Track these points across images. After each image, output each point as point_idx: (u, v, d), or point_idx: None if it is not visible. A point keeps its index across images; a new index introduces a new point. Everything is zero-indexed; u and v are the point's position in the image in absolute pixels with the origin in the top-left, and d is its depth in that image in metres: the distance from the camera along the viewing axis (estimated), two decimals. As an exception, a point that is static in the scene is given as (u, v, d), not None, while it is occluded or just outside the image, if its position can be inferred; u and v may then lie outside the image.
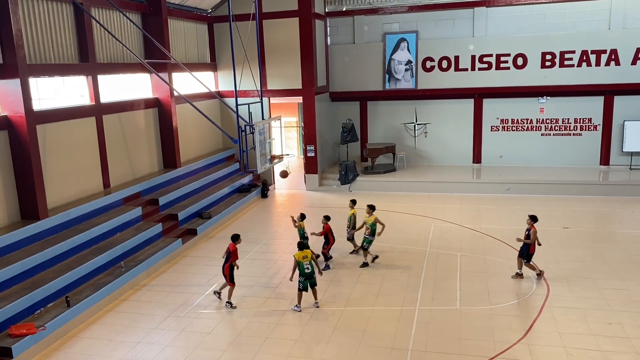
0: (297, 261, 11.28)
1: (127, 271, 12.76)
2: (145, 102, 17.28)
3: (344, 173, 21.90)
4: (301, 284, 11.28)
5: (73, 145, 14.06)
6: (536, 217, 12.77)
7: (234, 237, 12.01)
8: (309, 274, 11.27)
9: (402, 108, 23.81)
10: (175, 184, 17.82)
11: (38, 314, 10.57)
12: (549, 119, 22.49)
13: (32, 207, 12.33)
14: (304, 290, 11.31)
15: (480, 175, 21.93)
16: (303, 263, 11.22)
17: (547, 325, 10.43)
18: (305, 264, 11.22)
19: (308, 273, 11.25)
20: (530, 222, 12.60)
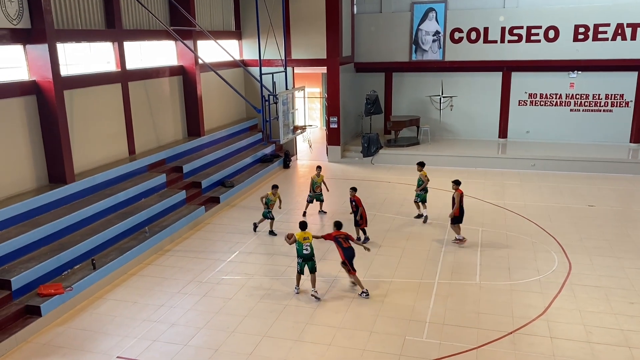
0: (296, 240, 10.82)
1: (151, 236, 13.02)
2: (170, 69, 17.33)
3: (366, 145, 21.78)
4: (299, 265, 10.85)
5: (99, 111, 14.23)
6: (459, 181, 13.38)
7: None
8: (307, 256, 10.72)
9: (428, 80, 23.44)
10: (199, 152, 17.98)
11: (65, 275, 10.90)
12: (579, 94, 21.94)
13: (59, 172, 12.58)
14: (301, 273, 10.89)
15: (505, 151, 21.61)
16: (303, 244, 10.69)
17: (567, 302, 10.37)
18: (304, 245, 10.69)
19: (306, 255, 10.71)
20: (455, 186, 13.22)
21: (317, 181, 15.53)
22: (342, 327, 9.68)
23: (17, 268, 10.19)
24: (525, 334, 9.31)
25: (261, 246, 13.44)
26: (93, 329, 9.78)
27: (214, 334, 9.53)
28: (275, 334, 9.50)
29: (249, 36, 22.12)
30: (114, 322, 10.01)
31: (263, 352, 8.99)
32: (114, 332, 9.65)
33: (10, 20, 11.36)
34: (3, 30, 11.23)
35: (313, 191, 15.58)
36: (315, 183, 15.56)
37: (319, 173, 15.67)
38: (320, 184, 15.61)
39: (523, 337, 9.22)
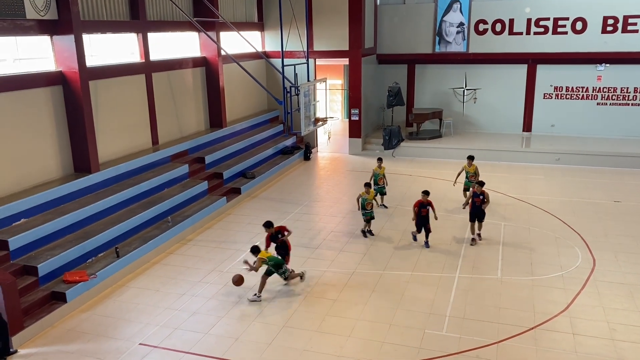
0: (263, 259, 10.44)
1: (173, 226, 13.18)
2: (193, 61, 17.44)
3: (387, 138, 21.67)
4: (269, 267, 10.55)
5: (123, 102, 14.41)
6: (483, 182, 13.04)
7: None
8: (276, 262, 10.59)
9: (452, 72, 23.18)
10: (220, 144, 18.09)
11: (90, 262, 11.10)
12: (607, 87, 21.48)
13: (84, 161, 12.79)
14: (268, 274, 10.54)
15: (529, 144, 21.29)
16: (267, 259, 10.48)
17: (590, 299, 10.22)
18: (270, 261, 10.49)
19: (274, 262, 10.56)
20: (479, 187, 12.80)
21: (379, 173, 15.15)
22: (361, 319, 9.69)
23: (43, 255, 10.41)
24: (546, 330, 9.21)
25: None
26: (116, 316, 9.96)
27: (234, 323, 9.63)
28: (295, 324, 9.55)
29: (271, 27, 22.13)
30: (137, 309, 10.18)
31: (282, 341, 9.05)
32: (137, 319, 9.81)
33: (38, 12, 11.54)
34: (31, 22, 11.43)
35: (375, 184, 15.08)
36: (377, 175, 15.16)
37: (380, 165, 15.24)
38: (382, 175, 15.20)
39: (545, 333, 9.11)
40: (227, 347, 8.89)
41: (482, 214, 12.94)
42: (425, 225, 12.74)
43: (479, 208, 12.86)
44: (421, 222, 12.70)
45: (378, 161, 15.45)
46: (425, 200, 12.59)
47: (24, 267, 10.03)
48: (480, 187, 12.85)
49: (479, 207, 12.85)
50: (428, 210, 12.63)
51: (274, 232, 11.27)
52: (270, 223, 11.29)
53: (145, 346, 8.99)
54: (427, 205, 12.62)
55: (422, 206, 12.58)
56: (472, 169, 15.15)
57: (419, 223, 12.75)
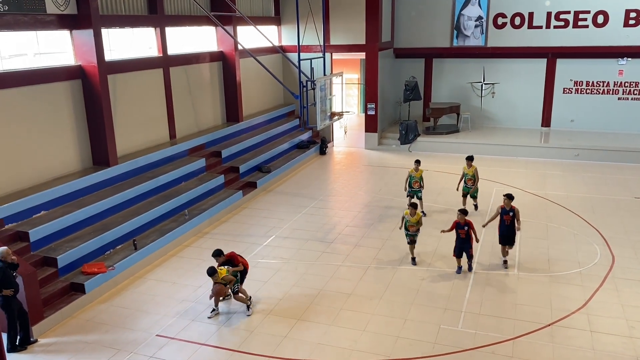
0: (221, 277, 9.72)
1: (190, 219, 13.29)
2: (211, 55, 17.51)
3: (404, 132, 21.56)
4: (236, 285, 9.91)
5: (141, 96, 14.53)
6: (512, 196, 11.32)
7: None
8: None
9: (470, 66, 22.95)
10: (237, 138, 18.18)
11: (108, 254, 11.26)
12: (628, 82, 21.09)
13: (103, 154, 12.95)
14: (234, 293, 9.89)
15: (548, 140, 21.03)
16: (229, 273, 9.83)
17: (609, 296, 10.09)
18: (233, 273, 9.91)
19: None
20: (508, 201, 11.19)
21: (415, 176, 14.07)
22: (376, 314, 9.69)
23: (62, 247, 10.58)
24: (564, 327, 9.12)
25: (297, 231, 13.53)
26: (134, 307, 10.09)
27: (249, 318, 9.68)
28: (310, 318, 9.59)
29: (288, 22, 22.11)
30: (154, 301, 10.30)
31: (298, 334, 9.10)
32: (154, 311, 9.93)
33: (58, 7, 11.68)
34: (51, 16, 11.57)
35: (410, 186, 14.15)
36: (412, 178, 14.09)
37: (417, 167, 14.08)
38: (418, 179, 14.07)
39: (562, 330, 9.03)
40: (242, 339, 8.96)
41: (513, 234, 11.18)
42: (466, 250, 10.99)
43: (509, 228, 11.12)
44: (460, 245, 10.95)
45: (415, 163, 14.20)
46: (462, 221, 10.85)
47: (44, 258, 10.21)
48: (509, 200, 11.15)
49: (509, 226, 11.12)
50: (467, 232, 10.81)
51: (224, 260, 10.02)
52: (220, 252, 10.00)
53: (162, 337, 9.10)
54: (465, 225, 10.81)
55: (459, 227, 10.84)
56: (471, 172, 14.02)
57: (459, 247, 10.97)
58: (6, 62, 11.10)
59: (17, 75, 11.03)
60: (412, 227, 11.42)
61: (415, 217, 11.34)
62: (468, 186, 14.21)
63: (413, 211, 11.35)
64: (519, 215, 11.22)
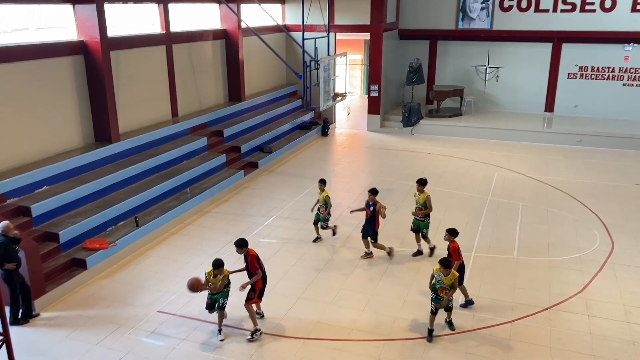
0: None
1: (192, 197, 13.32)
2: (214, 33, 17.36)
3: (407, 115, 21.48)
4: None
5: (144, 73, 14.45)
6: (377, 190, 10.74)
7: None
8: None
9: (474, 49, 22.76)
10: (239, 117, 18.12)
11: (110, 231, 11.31)
12: (634, 68, 20.94)
13: (105, 131, 12.92)
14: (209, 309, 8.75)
15: (551, 125, 20.95)
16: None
17: (607, 281, 10.15)
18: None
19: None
20: (373, 197, 10.61)
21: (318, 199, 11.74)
22: (375, 294, 9.77)
23: (64, 222, 10.61)
24: (561, 311, 9.19)
25: (297, 212, 13.56)
26: (135, 284, 10.17)
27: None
28: (310, 297, 9.67)
29: (292, 0, 21.87)
30: (155, 277, 10.38)
31: (298, 313, 9.18)
32: (155, 288, 10.00)
33: (60, -20, 11.56)
34: (53, -10, 11.46)
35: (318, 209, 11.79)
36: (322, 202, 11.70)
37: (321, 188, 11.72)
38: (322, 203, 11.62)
39: (559, 314, 9.10)
40: (243, 316, 9.03)
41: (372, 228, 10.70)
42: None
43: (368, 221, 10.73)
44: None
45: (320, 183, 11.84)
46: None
47: (45, 233, 10.25)
48: (373, 195, 10.53)
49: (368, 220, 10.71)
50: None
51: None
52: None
53: (163, 313, 9.18)
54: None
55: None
56: (422, 199, 10.82)
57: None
58: (7, 36, 11.02)
59: (18, 50, 10.95)
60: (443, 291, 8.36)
61: (450, 276, 8.24)
62: (418, 218, 10.94)
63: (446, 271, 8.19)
64: (383, 211, 10.71)
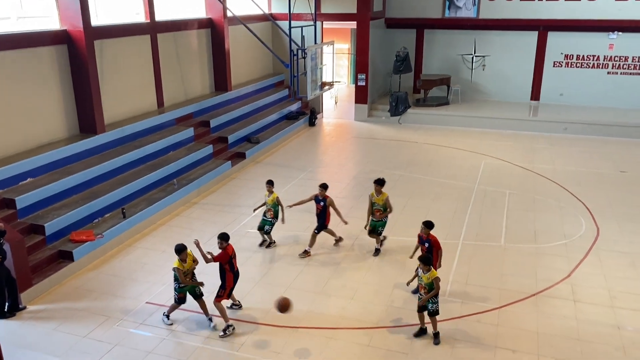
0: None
1: (179, 188, 13.24)
2: (199, 22, 17.17)
3: (394, 104, 21.49)
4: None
5: (129, 63, 14.27)
6: (327, 185, 10.68)
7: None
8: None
9: (461, 38, 22.79)
10: (225, 107, 17.99)
11: (96, 222, 11.20)
12: (618, 56, 21.12)
13: (90, 122, 12.76)
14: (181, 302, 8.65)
15: (537, 113, 21.10)
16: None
17: (593, 267, 10.28)
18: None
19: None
20: (323, 191, 10.57)
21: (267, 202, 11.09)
22: (364, 283, 9.81)
23: (50, 214, 10.50)
24: (548, 297, 9.30)
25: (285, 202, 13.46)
26: (123, 275, 10.10)
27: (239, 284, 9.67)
28: (299, 286, 9.68)
29: (278, -11, 21.69)
30: (144, 269, 10.32)
31: (287, 303, 9.19)
32: (143, 279, 9.95)
33: (41, -32, 11.34)
34: (34, -22, 11.24)
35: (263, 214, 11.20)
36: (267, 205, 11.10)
37: (269, 190, 11.13)
38: (271, 206, 10.99)
39: (546, 300, 9.21)
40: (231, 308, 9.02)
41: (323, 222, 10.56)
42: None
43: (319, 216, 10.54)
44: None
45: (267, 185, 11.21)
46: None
47: (31, 225, 10.14)
48: (323, 190, 10.36)
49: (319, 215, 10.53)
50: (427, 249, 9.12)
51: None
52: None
53: (152, 305, 9.14)
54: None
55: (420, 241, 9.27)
56: (381, 200, 10.43)
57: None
58: (-11, 25, 10.82)
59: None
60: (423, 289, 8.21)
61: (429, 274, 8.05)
62: (377, 219, 10.60)
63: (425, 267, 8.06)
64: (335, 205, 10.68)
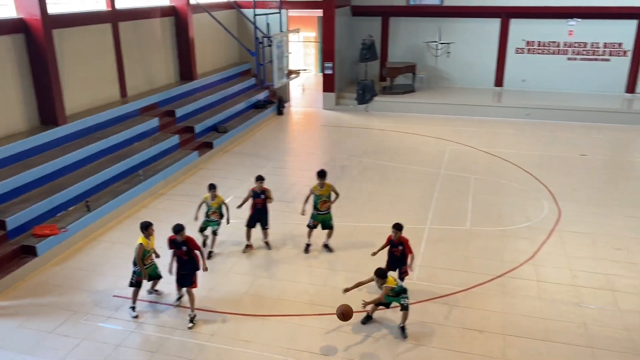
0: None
1: (145, 180, 13.03)
2: (162, 10, 16.83)
3: (361, 92, 21.54)
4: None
5: (89, 52, 13.90)
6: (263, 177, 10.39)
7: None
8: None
9: (426, 25, 22.96)
10: (191, 97, 17.74)
11: (60, 216, 10.95)
12: (577, 42, 21.65)
13: (50, 113, 12.41)
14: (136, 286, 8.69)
15: (500, 99, 21.50)
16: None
17: (555, 248, 10.60)
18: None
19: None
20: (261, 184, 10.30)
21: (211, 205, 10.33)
22: (334, 269, 9.90)
23: (11, 209, 10.20)
24: (513, 278, 9.55)
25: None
26: (89, 269, 9.93)
27: (208, 274, 9.62)
28: (269, 275, 9.70)
29: (242, -24, 21.42)
30: (110, 262, 10.16)
31: (258, 290, 9.20)
32: (110, 273, 9.80)
33: (-6, -46, 10.91)
34: (-13, -36, 10.81)
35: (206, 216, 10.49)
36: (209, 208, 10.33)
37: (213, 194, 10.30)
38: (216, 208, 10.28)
39: (511, 281, 9.46)
40: (201, 297, 8.96)
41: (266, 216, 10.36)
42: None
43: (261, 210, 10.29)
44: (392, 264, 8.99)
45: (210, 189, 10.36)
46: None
47: (-9, 221, 9.85)
48: (261, 183, 10.12)
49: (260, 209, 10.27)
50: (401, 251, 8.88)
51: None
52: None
53: (120, 298, 9.01)
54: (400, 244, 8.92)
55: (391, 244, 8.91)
56: (326, 191, 10.13)
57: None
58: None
59: (-48, 28, 10.35)
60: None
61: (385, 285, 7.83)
62: (321, 212, 10.18)
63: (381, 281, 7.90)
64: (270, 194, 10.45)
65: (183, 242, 8.43)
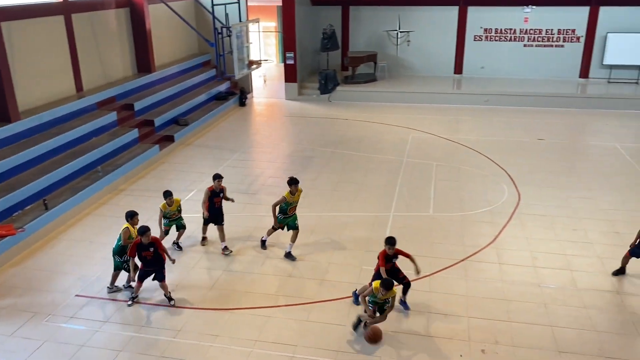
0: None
1: (104, 176, 12.73)
2: (117, 1, 16.38)
3: (323, 82, 21.54)
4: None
5: (42, 46, 13.43)
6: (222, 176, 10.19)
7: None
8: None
9: (386, 14, 23.08)
10: (150, 89, 17.38)
11: (16, 215, 10.60)
12: (533, 29, 22.16)
13: (3, 110, 11.95)
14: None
15: (460, 86, 21.83)
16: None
17: (515, 231, 10.88)
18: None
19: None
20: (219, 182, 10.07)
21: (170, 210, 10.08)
22: (300, 259, 9.89)
23: (-37, 210, 9.84)
24: (475, 261, 9.77)
25: (219, 184, 13.35)
26: (50, 269, 9.65)
27: (175, 268, 9.52)
28: (236, 268, 9.64)
29: (199, -34, 21.03)
30: (71, 261, 9.90)
31: (223, 284, 9.13)
32: (72, 272, 9.56)
33: None
34: None
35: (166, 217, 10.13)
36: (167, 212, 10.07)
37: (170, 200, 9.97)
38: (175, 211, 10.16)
39: (473, 264, 9.67)
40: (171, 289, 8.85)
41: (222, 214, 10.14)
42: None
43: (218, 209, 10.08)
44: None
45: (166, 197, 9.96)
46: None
47: (-58, 223, 9.46)
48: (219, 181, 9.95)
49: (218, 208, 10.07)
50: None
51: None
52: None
53: (82, 297, 8.81)
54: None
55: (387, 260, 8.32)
56: (297, 197, 9.85)
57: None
58: None
59: None
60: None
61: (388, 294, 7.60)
62: (288, 216, 9.93)
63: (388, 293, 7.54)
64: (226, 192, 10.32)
65: (150, 243, 8.33)
